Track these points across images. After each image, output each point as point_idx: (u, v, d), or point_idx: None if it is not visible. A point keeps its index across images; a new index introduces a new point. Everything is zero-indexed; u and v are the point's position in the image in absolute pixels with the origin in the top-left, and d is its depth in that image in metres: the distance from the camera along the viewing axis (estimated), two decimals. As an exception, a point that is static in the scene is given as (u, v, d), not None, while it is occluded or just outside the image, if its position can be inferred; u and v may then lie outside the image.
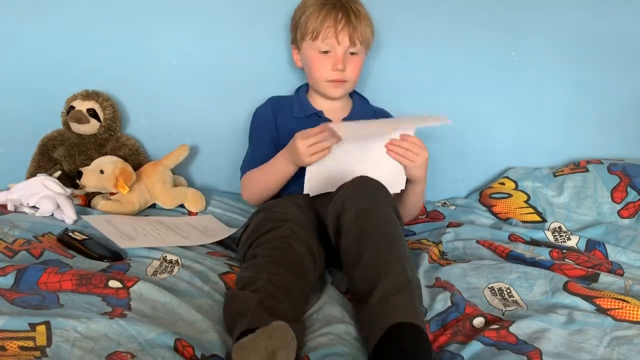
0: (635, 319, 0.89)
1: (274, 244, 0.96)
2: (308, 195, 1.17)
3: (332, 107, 1.28)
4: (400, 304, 0.81)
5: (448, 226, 1.28)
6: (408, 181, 1.14)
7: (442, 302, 0.93)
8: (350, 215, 0.93)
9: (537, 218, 1.34)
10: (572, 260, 1.12)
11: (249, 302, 0.81)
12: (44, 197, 1.13)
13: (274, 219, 1.03)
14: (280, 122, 1.26)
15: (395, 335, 0.77)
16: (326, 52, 1.19)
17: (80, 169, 1.25)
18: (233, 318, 0.82)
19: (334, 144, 1.06)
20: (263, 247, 0.96)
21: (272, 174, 1.18)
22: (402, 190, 1.16)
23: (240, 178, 1.26)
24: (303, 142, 1.06)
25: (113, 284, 0.87)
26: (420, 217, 1.36)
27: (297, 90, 1.33)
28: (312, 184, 1.10)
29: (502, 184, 1.42)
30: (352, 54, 1.20)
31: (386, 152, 1.09)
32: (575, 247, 1.21)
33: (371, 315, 0.82)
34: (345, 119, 1.26)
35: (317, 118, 1.25)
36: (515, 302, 0.96)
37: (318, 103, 1.27)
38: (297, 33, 1.24)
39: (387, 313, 0.80)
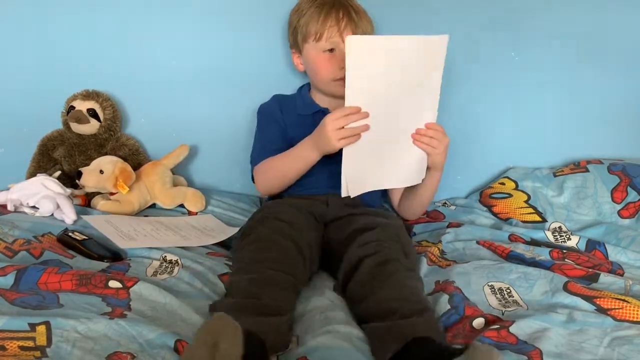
0: (635, 319, 0.89)
1: (256, 245, 0.96)
2: (308, 196, 1.17)
3: (337, 104, 1.27)
4: (419, 322, 0.80)
5: (448, 226, 1.28)
6: (427, 169, 1.14)
7: (441, 305, 0.94)
8: (368, 264, 0.94)
9: (537, 218, 1.34)
10: (572, 261, 1.12)
11: (227, 310, 0.80)
12: (43, 197, 1.13)
13: (262, 220, 1.04)
14: (286, 118, 1.26)
15: (415, 348, 0.76)
16: (331, 50, 1.18)
17: (79, 169, 1.25)
18: None
19: (363, 133, 1.03)
20: (247, 250, 0.97)
21: (293, 162, 1.15)
22: None
23: (252, 169, 1.25)
24: (333, 124, 1.03)
25: (113, 284, 0.87)
26: (420, 217, 1.36)
27: (300, 89, 1.33)
28: (349, 182, 1.07)
29: (502, 184, 1.42)
30: None
31: (412, 142, 1.09)
32: (576, 247, 1.21)
33: (387, 329, 0.81)
34: None
35: (322, 115, 1.24)
36: (515, 302, 0.96)
37: (322, 101, 1.26)
38: (298, 37, 1.22)
39: (406, 329, 0.79)
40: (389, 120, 1.05)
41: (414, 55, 1.01)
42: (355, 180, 1.08)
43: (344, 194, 1.07)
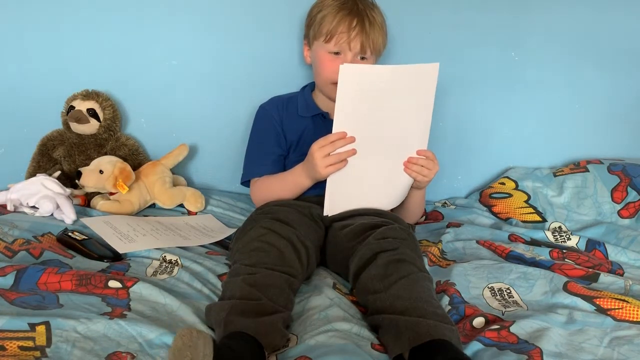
0: (635, 319, 0.89)
1: (250, 246, 0.96)
2: (307, 198, 1.17)
3: None
4: (447, 329, 0.79)
5: (448, 226, 1.28)
6: (411, 188, 1.16)
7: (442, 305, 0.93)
8: (384, 258, 0.93)
9: (537, 218, 1.34)
10: (572, 260, 1.12)
11: (221, 313, 0.81)
12: (43, 197, 1.13)
13: (257, 219, 1.04)
14: (285, 121, 1.26)
15: (440, 347, 0.76)
16: (337, 53, 1.19)
17: (79, 169, 1.25)
18: (213, 328, 0.83)
19: (350, 157, 1.05)
20: (240, 252, 0.96)
21: (288, 186, 1.17)
22: None
23: (242, 176, 1.26)
24: (319, 152, 1.04)
25: (113, 284, 0.87)
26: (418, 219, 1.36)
27: (303, 88, 1.32)
28: (330, 203, 1.09)
29: (503, 183, 1.42)
30: (362, 58, 1.20)
31: (403, 169, 1.10)
32: (576, 247, 1.21)
33: (408, 323, 0.80)
34: None
35: (322, 119, 1.24)
36: (515, 302, 0.96)
37: (323, 104, 1.26)
38: (311, 30, 1.23)
39: (432, 328, 0.79)
40: (378, 146, 1.06)
41: (405, 83, 1.02)
42: (338, 201, 1.10)
43: (326, 213, 1.10)
